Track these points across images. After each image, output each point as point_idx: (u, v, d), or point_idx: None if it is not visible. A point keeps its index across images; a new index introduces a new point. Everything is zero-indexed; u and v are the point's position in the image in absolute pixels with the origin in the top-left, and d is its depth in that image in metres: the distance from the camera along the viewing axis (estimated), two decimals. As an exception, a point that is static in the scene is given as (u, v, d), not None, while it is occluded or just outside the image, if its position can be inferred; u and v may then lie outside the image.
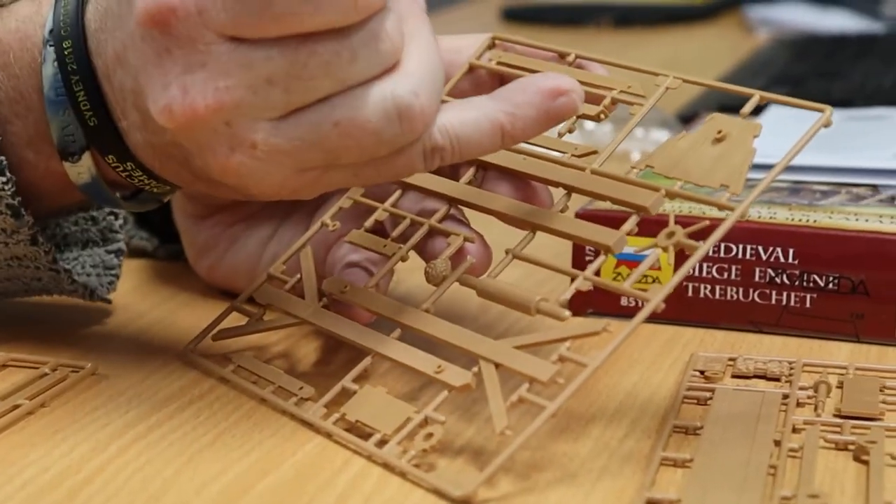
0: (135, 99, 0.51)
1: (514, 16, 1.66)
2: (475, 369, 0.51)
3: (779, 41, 1.43)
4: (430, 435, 0.50)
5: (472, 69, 0.62)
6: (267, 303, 0.60)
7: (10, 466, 0.49)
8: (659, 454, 0.50)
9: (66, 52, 0.53)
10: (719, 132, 0.53)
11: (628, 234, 0.52)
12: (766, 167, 0.52)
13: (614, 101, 0.57)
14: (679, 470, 0.49)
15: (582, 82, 0.58)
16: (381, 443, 0.51)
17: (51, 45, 0.53)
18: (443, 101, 0.52)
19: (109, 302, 0.63)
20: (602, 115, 0.57)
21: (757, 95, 0.54)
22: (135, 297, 0.68)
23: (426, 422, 0.51)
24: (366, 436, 0.51)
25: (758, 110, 0.56)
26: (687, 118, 0.98)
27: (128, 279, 0.70)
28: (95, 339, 0.63)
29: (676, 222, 0.51)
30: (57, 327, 0.64)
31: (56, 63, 0.53)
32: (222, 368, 0.58)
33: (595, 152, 0.56)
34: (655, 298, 0.49)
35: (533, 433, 0.48)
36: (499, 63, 0.61)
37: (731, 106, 0.56)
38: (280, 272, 0.60)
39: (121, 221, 0.64)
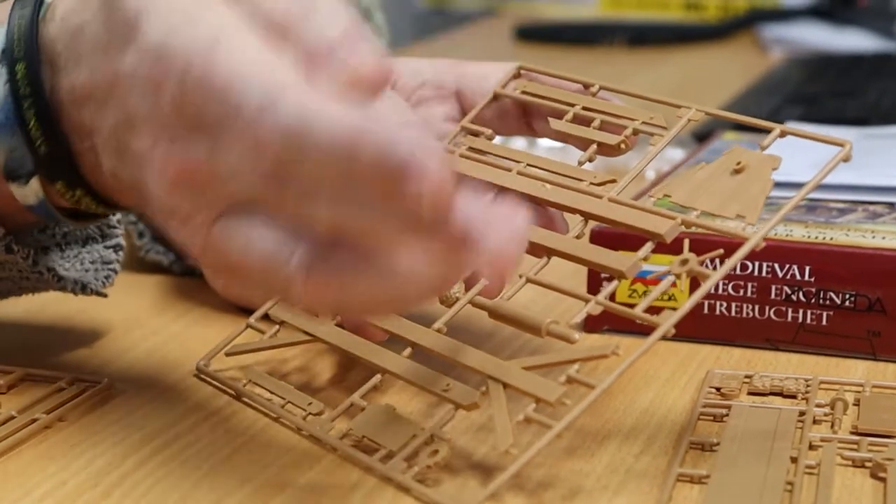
0: (122, 130, 0.47)
1: (527, 35, 1.66)
2: (483, 388, 0.51)
3: (793, 60, 1.43)
4: (435, 452, 0.50)
5: (496, 98, 0.62)
6: (281, 320, 0.60)
7: (29, 480, 0.50)
8: (675, 470, 0.50)
9: (18, 76, 0.49)
10: (738, 163, 0.54)
11: (643, 259, 0.52)
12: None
13: (636, 132, 0.58)
14: (696, 486, 0.49)
15: (604, 112, 0.59)
16: (387, 458, 0.51)
17: (2, 65, 0.50)
18: None
19: (104, 296, 0.61)
20: (623, 146, 0.58)
21: (778, 129, 0.54)
22: (151, 312, 0.68)
23: (432, 439, 0.51)
24: (371, 451, 0.51)
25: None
26: (702, 137, 0.97)
27: (144, 294, 0.70)
28: (112, 353, 0.63)
29: (691, 246, 0.51)
30: (73, 342, 0.64)
31: (7, 85, 0.50)
32: (234, 383, 0.58)
33: (614, 181, 0.57)
34: (665, 325, 0.49)
35: (538, 452, 0.48)
36: (523, 92, 0.61)
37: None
38: (296, 290, 0.60)
39: (118, 216, 0.63)
